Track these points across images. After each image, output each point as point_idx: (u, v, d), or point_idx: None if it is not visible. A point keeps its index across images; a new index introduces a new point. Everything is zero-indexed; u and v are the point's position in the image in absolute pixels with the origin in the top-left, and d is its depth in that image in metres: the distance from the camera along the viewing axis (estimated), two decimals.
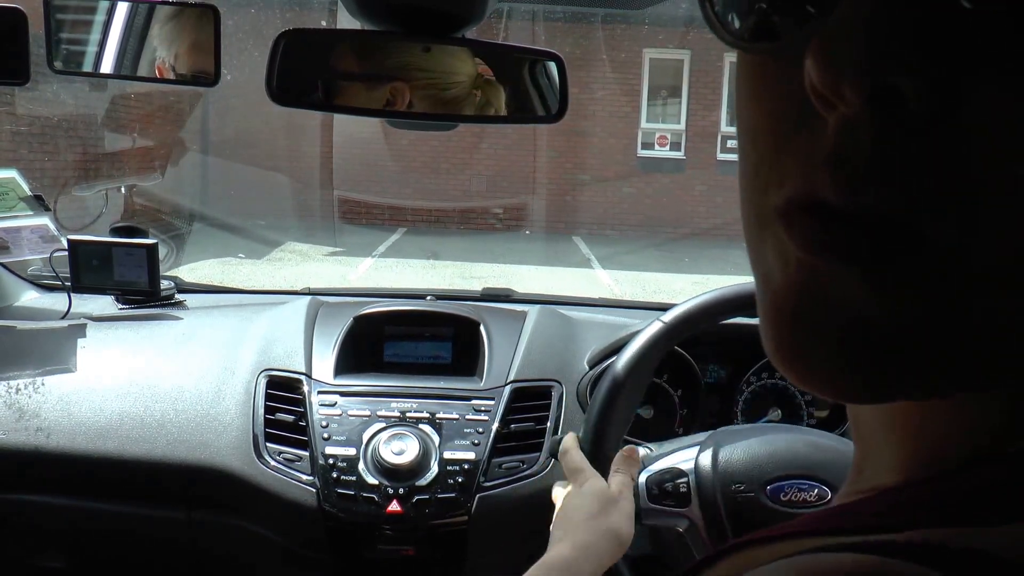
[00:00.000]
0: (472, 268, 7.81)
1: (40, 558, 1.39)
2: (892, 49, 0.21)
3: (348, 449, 1.23)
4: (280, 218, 9.57)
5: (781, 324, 0.26)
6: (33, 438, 1.28)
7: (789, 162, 0.25)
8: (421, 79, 0.91)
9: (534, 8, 9.62)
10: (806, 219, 0.24)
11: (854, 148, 0.23)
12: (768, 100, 0.26)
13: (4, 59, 1.05)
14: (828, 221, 0.24)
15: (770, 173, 0.26)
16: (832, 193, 0.23)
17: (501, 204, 10.77)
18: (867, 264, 0.23)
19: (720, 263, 8.45)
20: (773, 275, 0.26)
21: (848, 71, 0.22)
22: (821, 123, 0.24)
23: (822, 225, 0.24)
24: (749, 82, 0.27)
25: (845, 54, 0.22)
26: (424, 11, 0.87)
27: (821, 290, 0.24)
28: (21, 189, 1.66)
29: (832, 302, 0.24)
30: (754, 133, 0.27)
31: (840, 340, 0.24)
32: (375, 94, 0.91)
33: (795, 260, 0.25)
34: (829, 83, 0.22)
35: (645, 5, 7.95)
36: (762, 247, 0.27)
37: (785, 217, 0.25)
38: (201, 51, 0.99)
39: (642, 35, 10.66)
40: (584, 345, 1.41)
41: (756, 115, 0.27)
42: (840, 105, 0.23)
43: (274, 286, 6.03)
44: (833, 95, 0.22)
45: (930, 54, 0.21)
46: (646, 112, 11.02)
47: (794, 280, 0.25)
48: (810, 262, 0.25)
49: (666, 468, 1.03)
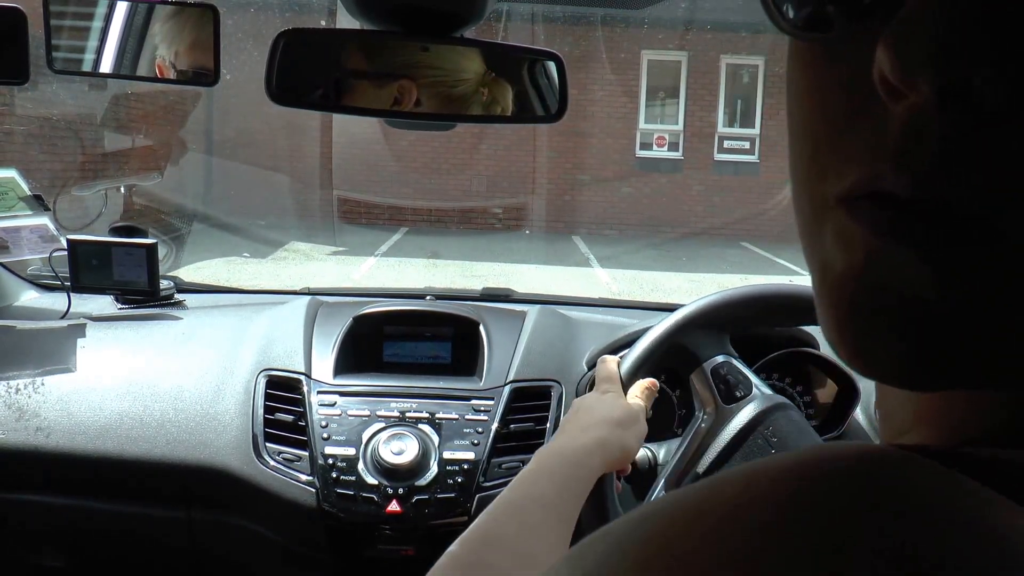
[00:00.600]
0: (473, 267, 7.91)
1: (40, 558, 1.39)
2: (966, 42, 0.21)
3: (347, 449, 1.23)
4: (282, 218, 9.65)
5: (843, 312, 0.26)
6: (33, 438, 1.28)
7: (850, 151, 0.25)
8: (429, 77, 0.91)
9: (533, 10, 9.64)
10: (871, 205, 0.24)
11: (922, 141, 0.23)
12: (824, 89, 0.26)
13: (4, 59, 1.05)
14: (894, 209, 0.24)
15: (828, 161, 0.26)
16: (898, 185, 0.23)
17: (501, 204, 10.82)
18: (934, 249, 0.23)
19: (717, 261, 8.54)
20: (833, 263, 0.26)
21: (921, 63, 0.22)
22: (882, 111, 0.24)
23: (889, 213, 0.24)
24: (804, 71, 0.27)
25: (919, 46, 0.22)
26: (423, 11, 0.87)
27: (886, 275, 0.24)
28: (20, 189, 1.66)
29: (897, 288, 0.24)
30: (808, 122, 0.27)
31: (904, 326, 0.24)
32: (383, 92, 0.91)
33: (859, 244, 0.25)
34: (902, 74, 0.22)
35: (644, 5, 7.95)
36: (820, 235, 0.27)
37: (848, 202, 0.25)
38: (200, 50, 0.99)
39: (640, 37, 10.71)
40: (583, 345, 1.41)
41: (811, 104, 0.27)
42: (910, 95, 0.22)
43: (279, 284, 6.16)
44: (905, 86, 0.22)
45: (1004, 47, 0.21)
46: (644, 113, 11.09)
47: (857, 265, 0.25)
48: (875, 245, 0.24)
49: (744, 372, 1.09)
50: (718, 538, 0.21)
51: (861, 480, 0.21)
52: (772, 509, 0.21)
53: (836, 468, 0.22)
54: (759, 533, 0.20)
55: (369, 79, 0.91)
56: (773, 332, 1.35)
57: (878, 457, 0.23)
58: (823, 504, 0.21)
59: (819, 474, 0.22)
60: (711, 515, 0.22)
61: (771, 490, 0.22)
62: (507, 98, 0.93)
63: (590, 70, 10.55)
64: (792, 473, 0.22)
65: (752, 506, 0.21)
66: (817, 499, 0.21)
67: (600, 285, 7.46)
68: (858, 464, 0.22)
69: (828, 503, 0.21)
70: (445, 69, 0.91)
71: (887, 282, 0.24)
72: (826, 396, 1.31)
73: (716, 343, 1.09)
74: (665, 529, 0.22)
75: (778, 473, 0.22)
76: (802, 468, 0.22)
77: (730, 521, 0.21)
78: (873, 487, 0.21)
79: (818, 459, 0.23)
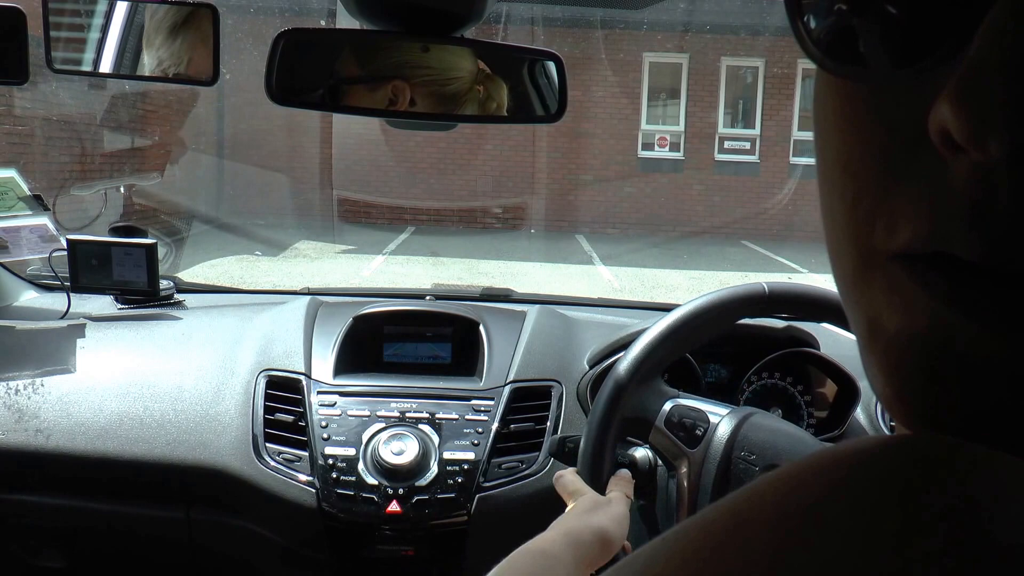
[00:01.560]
0: (479, 264, 8.07)
1: (40, 558, 1.39)
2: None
3: (347, 449, 1.23)
4: (292, 218, 9.84)
5: (904, 376, 0.24)
6: (33, 438, 1.28)
7: (903, 202, 0.23)
8: (421, 76, 0.91)
9: (533, 14, 9.70)
10: (936, 270, 0.22)
11: (994, 200, 0.21)
12: (867, 128, 0.24)
13: (3, 59, 1.05)
14: (962, 275, 0.22)
15: (876, 210, 0.24)
16: (969, 249, 0.21)
17: (506, 204, 10.95)
18: (1009, 324, 0.22)
19: (718, 259, 8.66)
20: (886, 320, 0.24)
21: (994, 122, 0.20)
22: (938, 164, 0.22)
23: (955, 278, 0.22)
24: (841, 102, 0.25)
25: (990, 106, 0.20)
26: (423, 11, 0.87)
27: (953, 345, 0.23)
28: (20, 189, 1.66)
29: (967, 361, 0.22)
30: (848, 162, 0.25)
31: (974, 401, 0.23)
32: (377, 94, 0.91)
33: (921, 307, 0.23)
34: (970, 134, 0.20)
35: (644, 5, 7.95)
36: (867, 286, 0.25)
37: (905, 259, 0.23)
38: (200, 50, 0.99)
39: (641, 39, 10.81)
40: (584, 345, 1.41)
41: (850, 142, 0.25)
42: (975, 154, 0.20)
43: (292, 281, 6.45)
44: (973, 147, 0.20)
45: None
46: (646, 114, 11.20)
47: (919, 330, 0.23)
48: (941, 312, 0.23)
49: (693, 407, 1.04)
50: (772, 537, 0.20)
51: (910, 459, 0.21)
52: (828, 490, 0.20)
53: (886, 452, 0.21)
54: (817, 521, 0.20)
55: (363, 82, 0.91)
56: (773, 332, 1.35)
57: (917, 441, 0.22)
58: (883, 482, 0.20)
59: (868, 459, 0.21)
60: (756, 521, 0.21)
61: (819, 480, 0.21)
62: (503, 95, 0.93)
63: (592, 72, 10.65)
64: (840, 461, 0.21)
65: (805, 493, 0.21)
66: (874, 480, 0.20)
67: (602, 281, 7.58)
68: (899, 446, 0.21)
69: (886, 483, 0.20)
70: (436, 68, 0.91)
71: (958, 355, 0.23)
72: (826, 396, 1.31)
73: (655, 393, 1.05)
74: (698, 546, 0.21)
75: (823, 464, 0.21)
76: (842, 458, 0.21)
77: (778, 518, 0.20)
78: (919, 463, 0.20)
79: (856, 450, 0.22)
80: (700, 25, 10.58)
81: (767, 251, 9.50)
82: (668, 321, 1.07)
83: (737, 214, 10.65)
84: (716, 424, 1.02)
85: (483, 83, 0.92)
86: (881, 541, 0.19)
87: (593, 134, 10.92)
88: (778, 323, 1.38)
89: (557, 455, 1.11)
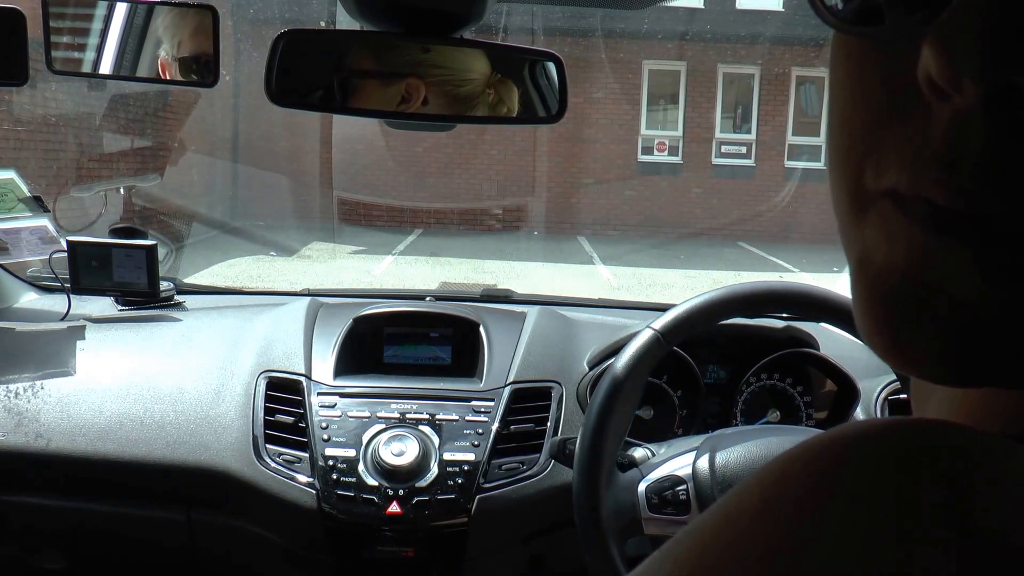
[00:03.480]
0: (484, 264, 8.31)
1: (40, 559, 1.38)
2: (1015, 45, 0.21)
3: (348, 450, 1.23)
4: (303, 220, 10.07)
5: (882, 306, 0.25)
6: (33, 440, 1.28)
7: (889, 147, 0.25)
8: (436, 76, 0.90)
9: (533, 23, 9.77)
10: (918, 204, 0.24)
11: (966, 147, 0.22)
12: (865, 82, 0.26)
13: (2, 60, 1.05)
14: (939, 213, 0.23)
15: (865, 158, 0.26)
16: (940, 194, 0.23)
17: (511, 206, 11.11)
18: (983, 248, 0.23)
19: (714, 260, 8.84)
20: (873, 256, 0.26)
21: (969, 65, 0.21)
22: (925, 111, 0.23)
23: (932, 215, 0.23)
24: (846, 64, 0.27)
25: (967, 47, 0.21)
26: (423, 12, 0.87)
27: (932, 272, 0.24)
28: (20, 190, 1.66)
29: (943, 286, 0.24)
30: (847, 113, 0.27)
31: (948, 326, 0.24)
32: (390, 91, 0.90)
33: (905, 238, 0.24)
34: (949, 75, 0.22)
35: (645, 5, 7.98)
36: (859, 228, 0.27)
37: (896, 199, 0.25)
38: (200, 52, 0.99)
39: (641, 47, 10.94)
40: (584, 346, 1.41)
41: (851, 99, 0.27)
42: (956, 98, 0.22)
43: (307, 280, 6.75)
44: (951, 87, 0.22)
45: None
46: (646, 119, 11.43)
47: (899, 259, 0.25)
48: (922, 241, 0.24)
49: (664, 476, 1.03)
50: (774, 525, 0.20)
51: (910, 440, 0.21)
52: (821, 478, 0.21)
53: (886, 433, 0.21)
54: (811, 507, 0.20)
55: (376, 78, 0.91)
56: (772, 333, 1.35)
57: (919, 424, 0.22)
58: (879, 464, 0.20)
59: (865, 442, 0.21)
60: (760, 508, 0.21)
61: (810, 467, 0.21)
62: (513, 99, 0.93)
63: (593, 79, 10.85)
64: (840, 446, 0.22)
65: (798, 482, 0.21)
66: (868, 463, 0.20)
67: (602, 280, 7.84)
68: (900, 428, 0.21)
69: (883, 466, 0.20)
70: (452, 68, 0.90)
71: (933, 280, 0.24)
72: (826, 396, 1.31)
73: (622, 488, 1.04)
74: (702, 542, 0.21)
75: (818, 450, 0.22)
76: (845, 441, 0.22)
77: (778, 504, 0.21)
78: (917, 446, 0.20)
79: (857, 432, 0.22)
80: (698, 34, 10.75)
81: (763, 252, 9.63)
82: (662, 321, 1.08)
83: (734, 216, 10.78)
84: (692, 476, 1.01)
85: (494, 86, 0.92)
86: (875, 532, 0.19)
87: (594, 139, 11.13)
88: (777, 323, 1.39)
89: (557, 457, 1.11)
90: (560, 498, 1.17)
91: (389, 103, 0.91)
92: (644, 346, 1.06)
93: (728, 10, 10.72)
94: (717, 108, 11.28)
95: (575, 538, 1.02)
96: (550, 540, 1.28)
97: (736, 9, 10.77)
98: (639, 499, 1.02)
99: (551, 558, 1.30)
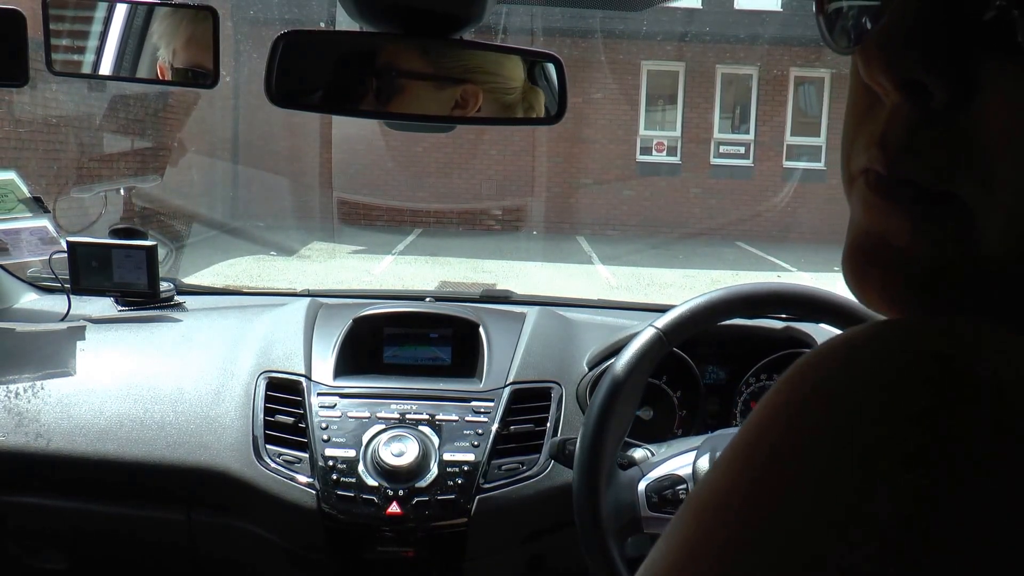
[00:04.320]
0: (484, 264, 8.37)
1: (40, 560, 1.39)
2: (911, 50, 0.27)
3: (348, 451, 1.23)
4: (303, 220, 10.11)
5: (851, 254, 0.32)
6: (33, 440, 1.28)
7: (864, 137, 0.31)
8: (490, 83, 0.90)
9: (532, 22, 9.78)
10: (868, 177, 0.31)
11: (894, 131, 0.29)
12: (854, 91, 0.33)
13: (3, 61, 1.05)
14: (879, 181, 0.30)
15: (852, 146, 0.33)
16: (881, 166, 0.30)
17: (510, 206, 11.13)
18: (907, 204, 0.29)
19: (713, 260, 8.86)
20: (854, 218, 0.32)
21: (879, 68, 0.28)
22: (882, 110, 0.30)
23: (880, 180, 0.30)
24: (851, 77, 0.34)
25: (878, 55, 0.28)
26: (422, 12, 0.87)
27: (878, 225, 0.31)
28: (20, 191, 1.66)
29: (885, 235, 0.30)
30: (845, 117, 0.34)
31: (889, 266, 0.30)
32: (443, 95, 0.90)
33: (867, 203, 0.31)
34: (868, 76, 0.29)
35: (644, 6, 7.97)
36: (849, 199, 0.33)
37: (865, 175, 0.31)
38: (200, 52, 0.99)
39: (640, 48, 10.97)
40: (583, 346, 1.41)
41: (847, 103, 0.34)
42: (892, 95, 0.29)
43: (307, 280, 6.80)
44: (876, 86, 0.29)
45: (939, 54, 0.27)
46: (644, 120, 11.44)
47: (863, 219, 0.31)
48: (871, 202, 0.31)
49: (664, 475, 1.03)
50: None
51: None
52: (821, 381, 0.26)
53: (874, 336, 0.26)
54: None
55: (432, 81, 0.91)
56: (771, 333, 1.35)
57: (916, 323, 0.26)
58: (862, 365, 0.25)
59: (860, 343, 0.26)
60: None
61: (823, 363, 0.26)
62: (541, 104, 0.93)
63: (592, 80, 10.87)
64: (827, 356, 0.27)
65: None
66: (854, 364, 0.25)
67: (601, 279, 7.88)
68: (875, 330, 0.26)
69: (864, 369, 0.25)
70: (503, 76, 0.90)
71: (881, 233, 0.31)
72: None
73: (622, 488, 1.04)
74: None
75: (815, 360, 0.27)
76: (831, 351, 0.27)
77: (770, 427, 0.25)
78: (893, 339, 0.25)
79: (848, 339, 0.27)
80: (697, 35, 10.78)
81: (761, 251, 9.66)
82: (664, 320, 1.08)
83: (732, 216, 10.80)
84: (692, 476, 1.02)
85: (526, 93, 0.92)
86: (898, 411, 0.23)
87: (593, 139, 11.14)
88: (777, 324, 1.39)
89: (557, 457, 1.12)
90: (560, 498, 1.17)
91: (443, 107, 0.90)
92: (646, 345, 1.06)
93: (727, 11, 10.74)
94: (715, 108, 11.30)
95: (575, 538, 1.02)
96: (550, 540, 1.28)
97: (734, 10, 10.79)
98: (639, 498, 1.02)
99: (551, 558, 1.30)
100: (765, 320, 1.36)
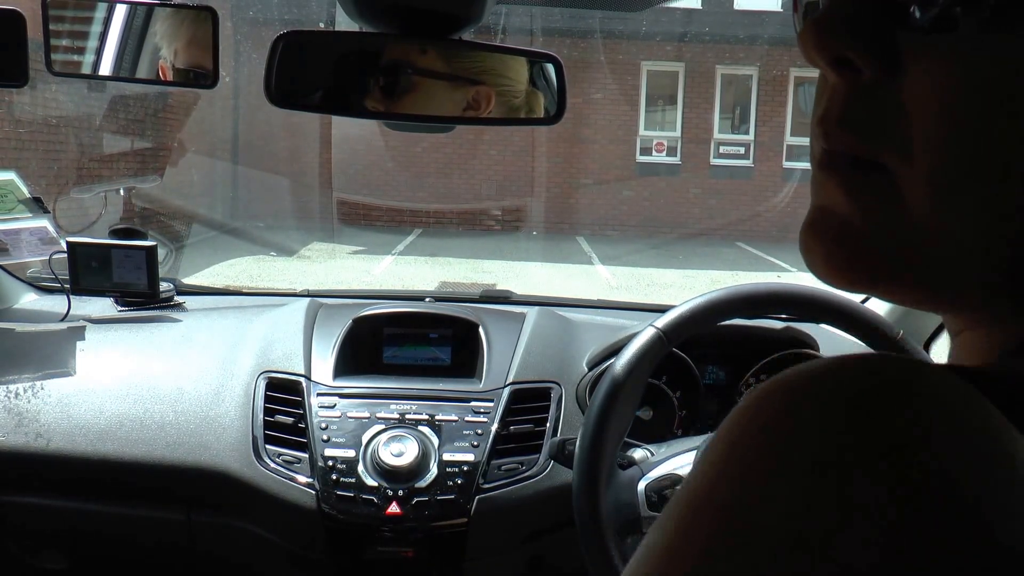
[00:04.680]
0: (483, 264, 8.37)
1: (40, 560, 1.39)
2: (840, 30, 0.30)
3: (347, 451, 1.23)
4: (303, 220, 10.15)
5: (804, 231, 0.34)
6: (33, 440, 1.28)
7: (815, 122, 0.33)
8: (502, 85, 0.90)
9: (532, 23, 9.79)
10: (812, 153, 0.33)
11: (832, 108, 0.31)
12: (820, 81, 0.35)
13: (2, 62, 1.05)
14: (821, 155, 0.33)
15: (813, 132, 0.34)
16: (822, 140, 0.32)
17: (510, 206, 11.15)
18: (844, 174, 0.32)
19: (713, 260, 8.87)
20: (812, 194, 0.34)
21: (813, 47, 0.31)
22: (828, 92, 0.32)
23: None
24: None
25: (812, 36, 0.31)
26: (422, 12, 0.87)
27: (822, 198, 0.33)
28: (20, 191, 1.66)
29: (828, 207, 0.32)
30: (812, 107, 0.35)
31: (832, 236, 0.32)
32: (457, 95, 0.90)
33: (817, 179, 0.33)
34: (807, 56, 0.31)
35: (644, 7, 7.98)
36: (814, 183, 0.35)
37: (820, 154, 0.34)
38: (200, 53, 0.99)
39: (640, 48, 10.97)
40: (583, 346, 1.41)
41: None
42: (830, 76, 0.31)
43: (307, 280, 6.80)
44: (814, 65, 0.31)
45: (864, 32, 0.29)
46: (644, 120, 11.45)
47: (813, 196, 0.34)
48: (818, 177, 0.33)
49: (664, 475, 1.03)
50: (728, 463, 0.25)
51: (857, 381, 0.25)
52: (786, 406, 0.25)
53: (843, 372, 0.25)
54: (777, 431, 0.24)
55: (447, 81, 0.90)
56: (772, 333, 1.35)
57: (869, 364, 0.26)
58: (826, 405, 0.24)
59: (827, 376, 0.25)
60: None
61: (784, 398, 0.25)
62: (541, 106, 0.94)
63: (592, 80, 10.89)
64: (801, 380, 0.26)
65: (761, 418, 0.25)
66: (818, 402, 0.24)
67: (600, 279, 7.89)
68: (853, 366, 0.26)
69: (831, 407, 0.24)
70: (513, 79, 0.91)
71: (825, 204, 0.33)
72: None
73: (622, 487, 1.05)
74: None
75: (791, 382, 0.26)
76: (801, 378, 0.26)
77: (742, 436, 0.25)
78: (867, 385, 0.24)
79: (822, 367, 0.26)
80: (697, 35, 10.79)
81: (760, 252, 9.68)
82: (665, 320, 1.08)
83: (732, 216, 10.80)
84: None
85: (528, 96, 0.93)
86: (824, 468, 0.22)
87: (593, 140, 11.16)
88: (777, 324, 1.39)
89: (557, 457, 1.12)
90: (560, 498, 1.18)
91: (455, 108, 0.91)
92: (646, 344, 1.06)
93: (726, 11, 10.75)
94: (715, 109, 11.32)
95: (575, 538, 1.02)
96: (550, 540, 1.28)
97: (734, 10, 10.79)
98: (639, 497, 1.02)
99: (551, 558, 1.30)
100: (765, 320, 1.36)
